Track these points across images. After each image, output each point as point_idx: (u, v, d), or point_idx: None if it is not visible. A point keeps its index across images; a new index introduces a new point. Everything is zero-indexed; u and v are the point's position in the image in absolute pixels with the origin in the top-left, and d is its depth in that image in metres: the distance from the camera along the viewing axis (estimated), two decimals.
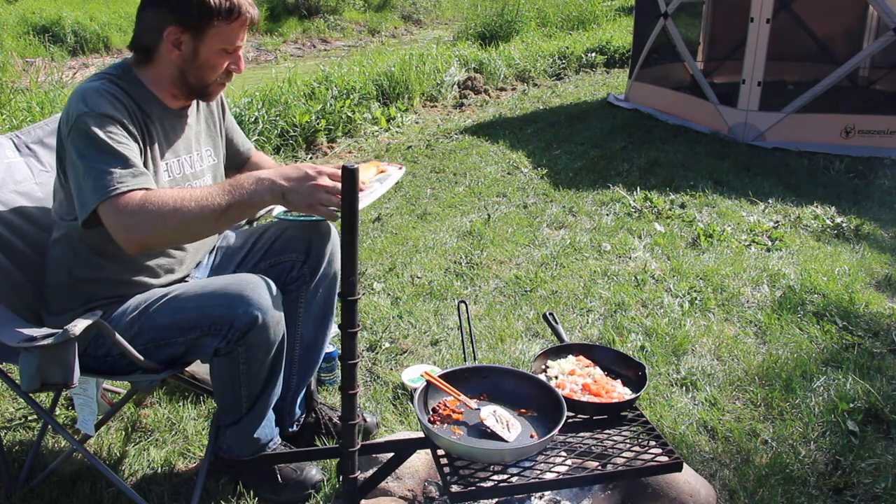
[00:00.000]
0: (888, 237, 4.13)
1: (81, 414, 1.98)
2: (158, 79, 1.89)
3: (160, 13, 1.80)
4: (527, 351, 2.87)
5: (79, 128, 1.71)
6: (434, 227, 4.27)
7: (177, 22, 1.79)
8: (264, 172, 1.71)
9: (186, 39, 1.81)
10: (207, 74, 1.88)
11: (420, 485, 2.07)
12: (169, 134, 1.93)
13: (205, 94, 1.95)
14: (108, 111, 1.74)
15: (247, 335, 1.79)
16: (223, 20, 1.80)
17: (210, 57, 1.84)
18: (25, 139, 2.15)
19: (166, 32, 1.80)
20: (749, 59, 5.86)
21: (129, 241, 1.67)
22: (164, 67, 1.86)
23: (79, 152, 1.71)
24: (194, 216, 1.65)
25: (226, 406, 1.97)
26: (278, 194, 1.67)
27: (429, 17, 17.97)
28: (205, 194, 1.67)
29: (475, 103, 8.04)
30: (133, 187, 1.67)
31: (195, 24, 1.79)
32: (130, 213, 1.64)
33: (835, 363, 2.78)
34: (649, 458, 1.79)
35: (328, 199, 1.67)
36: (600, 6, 14.14)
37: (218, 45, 1.84)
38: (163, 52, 1.84)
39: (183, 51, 1.83)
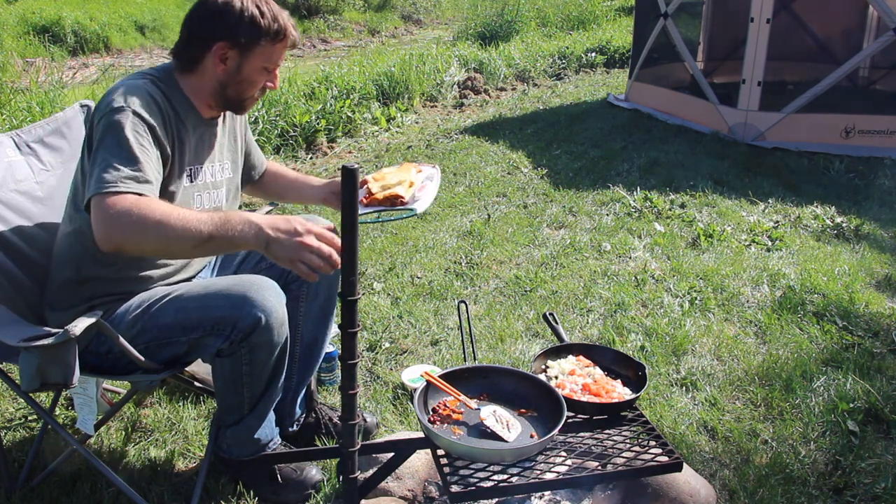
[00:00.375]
0: (888, 237, 4.13)
1: (81, 413, 1.98)
2: (198, 88, 1.93)
3: (211, 29, 1.86)
4: (527, 351, 2.87)
5: (110, 120, 1.74)
6: (434, 227, 4.27)
7: (227, 38, 1.86)
8: (256, 217, 1.70)
9: (233, 55, 1.88)
10: (246, 90, 1.95)
11: (420, 485, 2.07)
12: (197, 142, 1.96)
13: (240, 107, 2.01)
14: (144, 113, 1.77)
15: (250, 336, 1.79)
16: (270, 41, 1.88)
17: (252, 74, 1.91)
18: (26, 138, 2.15)
19: (215, 47, 1.86)
20: (749, 59, 5.86)
21: (104, 240, 1.66)
22: (207, 79, 1.92)
23: (101, 142, 1.74)
24: (175, 236, 1.63)
25: (227, 406, 1.97)
26: (263, 242, 1.66)
27: (429, 17, 17.96)
28: (192, 219, 1.66)
29: (475, 103, 8.04)
30: (129, 190, 1.67)
31: (244, 42, 1.86)
32: (114, 214, 1.64)
33: (835, 363, 2.78)
34: (649, 458, 1.79)
35: (310, 258, 1.65)
36: (600, 6, 14.15)
37: (261, 63, 1.91)
38: (208, 64, 1.89)
39: (228, 66, 1.89)
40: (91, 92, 6.21)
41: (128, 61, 11.40)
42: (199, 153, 1.97)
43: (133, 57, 12.29)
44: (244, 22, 1.84)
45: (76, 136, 2.29)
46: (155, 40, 13.34)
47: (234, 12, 1.84)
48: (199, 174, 1.97)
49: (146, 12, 13.60)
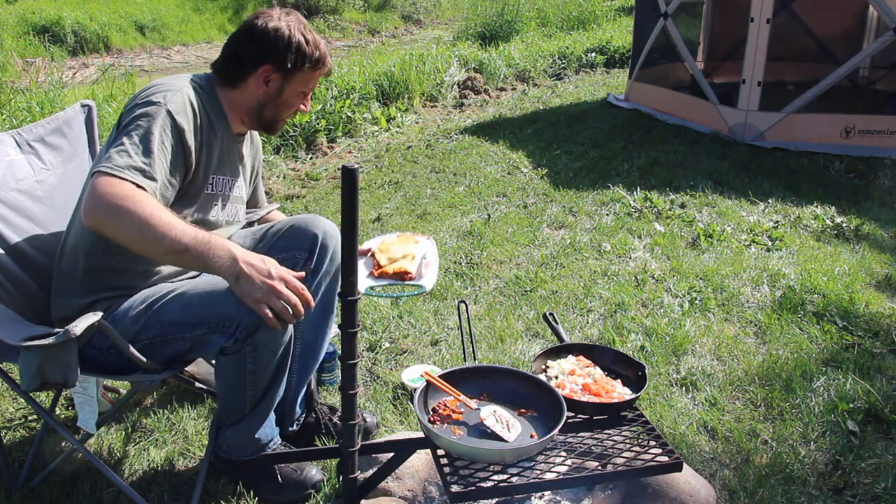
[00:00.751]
0: (888, 237, 4.13)
1: (82, 412, 1.98)
2: (236, 104, 2.02)
3: (260, 52, 1.96)
4: (527, 351, 2.87)
5: (143, 111, 1.80)
6: (434, 227, 4.27)
7: (274, 62, 1.96)
8: (236, 248, 1.73)
9: (276, 78, 1.99)
10: (283, 111, 2.06)
11: (420, 485, 2.07)
12: (224, 154, 2.03)
13: (272, 128, 2.11)
14: (179, 115, 1.83)
15: (255, 334, 1.80)
16: (311, 68, 2.01)
17: (290, 97, 2.03)
18: (27, 136, 2.15)
19: (261, 69, 1.97)
20: (749, 59, 5.86)
21: (87, 213, 1.68)
22: (246, 97, 2.01)
23: (126, 127, 1.79)
24: (152, 237, 1.66)
25: (228, 405, 1.97)
26: (234, 274, 1.70)
27: (429, 17, 17.97)
28: (177, 227, 1.68)
29: (475, 103, 8.05)
30: (132, 179, 1.70)
31: (289, 67, 1.97)
32: (107, 194, 1.66)
33: (835, 363, 2.78)
34: (649, 458, 1.79)
35: (276, 303, 1.70)
36: (600, 6, 14.15)
37: (300, 87, 2.04)
38: (250, 83, 1.99)
39: (270, 88, 2.00)
40: (91, 92, 6.21)
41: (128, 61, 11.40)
42: (222, 164, 2.03)
43: (133, 57, 12.29)
44: (292, 49, 1.95)
45: (77, 136, 2.30)
46: (155, 40, 13.35)
47: (284, 39, 1.95)
48: (219, 184, 2.03)
49: (146, 12, 13.61)
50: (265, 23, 1.96)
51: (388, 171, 5.49)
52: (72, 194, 2.21)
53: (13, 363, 1.86)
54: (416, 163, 5.67)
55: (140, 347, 1.83)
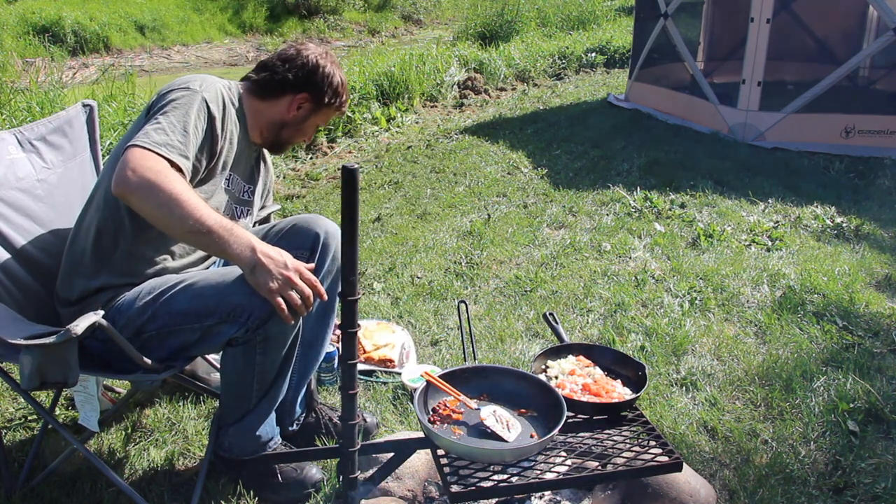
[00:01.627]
0: (888, 237, 4.13)
1: (83, 411, 1.98)
2: (259, 115, 2.10)
3: (305, 81, 2.08)
4: (527, 351, 2.87)
5: (181, 94, 1.88)
6: (434, 227, 4.27)
7: (312, 93, 2.10)
8: (255, 239, 1.76)
9: (307, 108, 2.12)
10: (297, 137, 2.18)
11: (420, 485, 2.07)
12: (241, 157, 2.09)
13: (280, 149, 2.22)
14: (213, 104, 1.92)
15: (266, 325, 1.80)
16: (336, 108, 2.16)
17: (309, 127, 2.18)
18: (28, 135, 2.15)
19: (299, 95, 2.09)
20: (749, 59, 5.86)
21: (118, 182, 1.72)
22: (272, 113, 2.11)
23: (164, 108, 1.85)
24: (179, 214, 1.70)
25: (233, 400, 1.97)
26: (251, 263, 1.73)
27: (429, 17, 17.98)
28: (203, 208, 1.73)
29: (475, 103, 8.05)
30: (167, 155, 1.75)
31: (318, 100, 2.11)
32: (140, 167, 1.71)
33: (835, 363, 2.78)
34: (649, 458, 1.80)
35: (290, 295, 1.73)
36: (600, 6, 14.16)
37: (320, 121, 2.19)
38: (282, 102, 2.10)
39: (298, 113, 2.12)
40: (91, 92, 6.21)
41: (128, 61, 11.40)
42: (240, 164, 2.09)
43: (133, 57, 12.30)
44: (332, 87, 2.11)
45: (78, 136, 2.30)
46: (155, 40, 13.35)
47: (327, 77, 2.09)
48: (234, 183, 2.08)
49: (146, 12, 13.61)
50: (316, 59, 2.09)
51: (388, 171, 5.49)
52: (72, 193, 2.21)
53: (13, 362, 1.86)
54: (416, 163, 5.67)
55: (147, 339, 1.83)
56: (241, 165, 2.09)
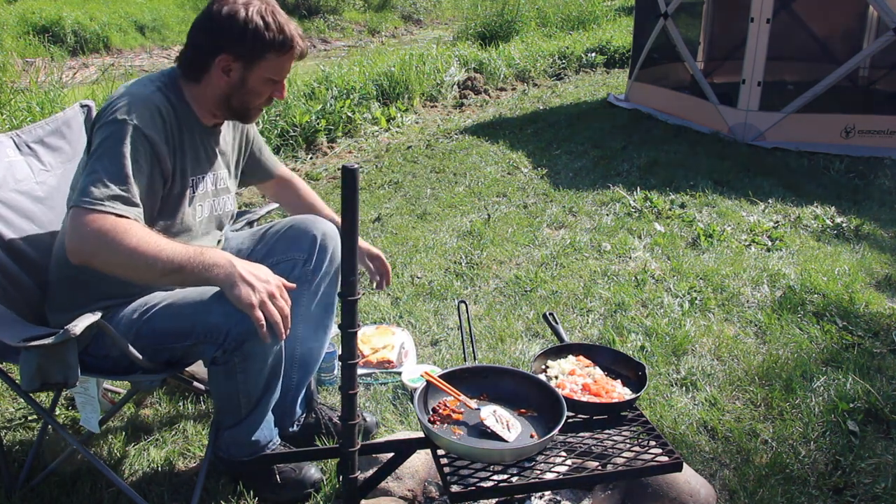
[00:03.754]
0: (888, 237, 4.13)
1: (84, 412, 1.98)
2: (202, 98, 1.92)
3: (214, 40, 1.84)
4: (527, 351, 2.87)
5: (110, 131, 1.73)
6: (434, 227, 4.27)
7: (231, 51, 1.83)
8: (231, 256, 1.72)
9: (237, 68, 1.86)
10: (251, 100, 1.93)
11: (420, 485, 2.07)
12: (199, 151, 1.96)
13: (245, 117, 2.01)
14: (147, 128, 1.76)
15: (243, 346, 1.79)
16: (275, 53, 1.85)
17: (257, 85, 1.89)
18: (26, 138, 2.15)
19: (218, 59, 1.84)
20: (749, 59, 5.85)
21: (73, 252, 1.66)
22: (210, 89, 1.90)
23: (96, 152, 1.73)
24: (145, 263, 1.65)
25: (224, 410, 1.97)
26: (231, 281, 1.68)
27: (429, 17, 17.97)
28: (165, 249, 1.66)
29: (475, 103, 8.04)
30: (113, 211, 1.66)
31: (248, 55, 1.84)
32: (90, 232, 1.64)
33: (835, 363, 2.78)
34: (649, 458, 1.80)
35: (270, 309, 1.68)
36: (600, 6, 14.14)
37: (267, 75, 1.89)
38: (212, 75, 1.88)
39: (231, 77, 1.87)
40: (91, 92, 6.20)
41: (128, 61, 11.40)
42: (200, 163, 1.97)
43: (133, 57, 12.29)
44: (248, 35, 1.81)
45: (76, 137, 2.30)
46: (155, 40, 13.34)
47: (238, 25, 1.80)
48: (199, 184, 1.97)
49: (146, 12, 13.60)
50: (219, 8, 1.83)
51: (388, 171, 5.49)
52: None
53: (13, 363, 1.86)
54: (416, 163, 5.67)
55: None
56: (203, 161, 1.98)
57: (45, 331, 1.65)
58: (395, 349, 2.78)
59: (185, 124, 1.90)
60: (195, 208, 1.98)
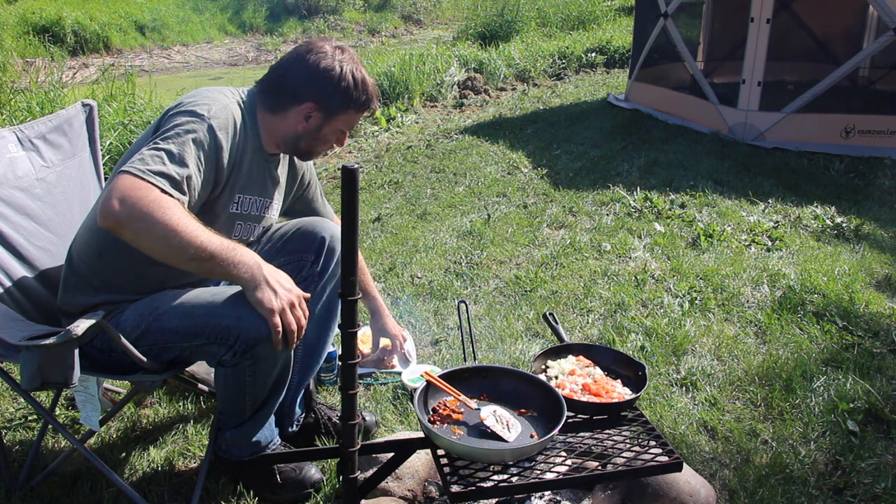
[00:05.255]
0: (888, 237, 4.13)
1: (84, 410, 1.98)
2: (273, 129, 1.98)
3: (306, 88, 1.92)
4: (527, 351, 2.87)
5: (187, 118, 1.77)
6: (434, 227, 4.27)
7: (318, 101, 1.93)
8: (261, 260, 1.74)
9: (317, 117, 1.96)
10: (319, 146, 2.04)
11: (420, 485, 2.07)
12: (254, 174, 1.99)
13: (306, 157, 2.11)
14: (220, 131, 1.81)
15: (254, 348, 1.79)
16: (355, 110, 1.98)
17: (329, 134, 2.01)
18: (28, 133, 2.15)
19: (304, 105, 1.93)
20: (749, 59, 5.85)
21: (107, 213, 1.62)
22: (284, 125, 1.97)
23: (166, 132, 1.75)
24: (178, 243, 1.63)
25: (228, 411, 1.97)
26: (255, 283, 1.70)
27: (429, 17, 17.98)
28: (202, 234, 1.66)
29: (475, 103, 8.04)
30: (161, 186, 1.66)
31: (327, 107, 1.95)
32: (132, 197, 1.61)
33: (835, 363, 2.78)
34: (649, 458, 1.80)
35: (289, 319, 1.71)
36: (600, 6, 14.15)
37: (341, 126, 2.01)
38: (290, 114, 1.95)
39: (309, 124, 1.97)
40: (91, 92, 6.21)
41: (128, 61, 11.40)
42: (250, 184, 1.99)
43: (133, 57, 12.29)
44: (339, 91, 1.92)
45: (77, 135, 2.30)
46: (155, 40, 13.35)
47: (333, 80, 1.91)
48: (245, 204, 2.00)
49: (146, 12, 13.61)
50: (318, 60, 1.91)
51: (388, 171, 5.49)
52: (71, 192, 2.21)
53: (14, 362, 1.86)
54: (416, 163, 5.67)
55: (140, 353, 1.82)
56: (255, 184, 2.00)
57: (46, 330, 1.65)
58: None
59: (250, 145, 1.94)
60: (234, 226, 1.99)
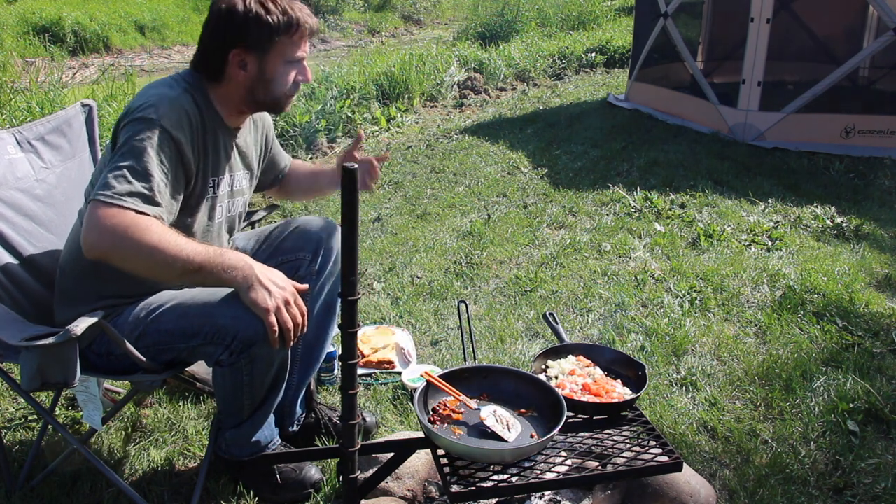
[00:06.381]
0: (888, 237, 4.13)
1: (86, 409, 1.98)
2: (226, 98, 1.92)
3: (221, 38, 1.84)
4: (527, 351, 2.87)
5: (138, 127, 1.72)
6: (434, 227, 4.27)
7: (240, 45, 1.83)
8: (250, 259, 1.73)
9: (251, 60, 1.85)
10: (276, 89, 1.91)
11: (420, 485, 2.07)
12: (221, 152, 1.95)
13: (276, 107, 1.98)
14: (175, 129, 1.76)
15: (251, 348, 1.78)
16: (284, 35, 1.84)
17: (276, 72, 1.88)
18: (27, 135, 2.15)
19: (230, 56, 1.84)
20: (749, 59, 5.85)
21: (90, 246, 1.64)
22: (233, 87, 1.89)
23: (122, 144, 1.72)
24: (165, 261, 1.64)
25: (227, 411, 1.97)
26: (248, 283, 1.69)
27: (429, 17, 17.97)
28: (186, 248, 1.66)
29: (475, 103, 8.04)
30: (133, 207, 1.65)
31: (258, 44, 1.83)
32: (109, 226, 1.62)
33: (835, 363, 2.78)
34: (649, 458, 1.79)
35: (285, 317, 1.70)
36: (600, 6, 14.14)
37: (282, 59, 1.87)
38: (230, 73, 1.87)
39: (249, 71, 1.86)
40: (91, 92, 6.21)
41: (128, 61, 11.39)
42: (222, 164, 1.96)
43: (133, 57, 12.28)
44: (251, 24, 1.80)
45: (76, 135, 2.30)
46: (155, 40, 13.34)
47: (239, 17, 1.80)
48: (221, 184, 1.97)
49: (146, 12, 13.60)
50: (219, 4, 1.83)
51: (388, 171, 5.49)
52: (71, 193, 2.21)
53: (14, 363, 1.85)
54: (416, 163, 5.67)
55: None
56: (223, 162, 1.97)
57: (45, 330, 1.65)
58: (394, 350, 2.79)
59: (210, 126, 1.89)
60: (214, 209, 1.98)
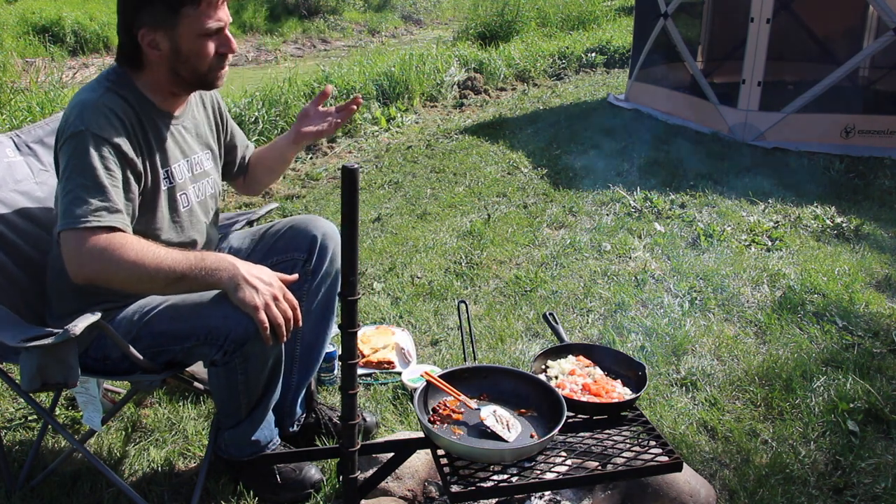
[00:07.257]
0: (888, 237, 4.13)
1: (86, 411, 1.98)
2: (154, 83, 1.86)
3: (125, 21, 1.78)
4: (527, 351, 2.87)
5: (72, 145, 1.70)
6: (434, 227, 4.27)
7: (144, 23, 1.75)
8: (233, 259, 1.72)
9: (161, 37, 1.77)
10: (198, 64, 1.81)
11: (420, 485, 2.07)
12: (167, 141, 1.90)
13: (206, 83, 1.88)
14: (106, 132, 1.72)
15: (243, 347, 1.78)
16: (189, 6, 1.73)
17: (192, 46, 1.78)
18: (26, 138, 2.15)
19: (140, 37, 1.76)
20: (749, 59, 5.85)
21: (75, 273, 1.68)
22: (155, 71, 1.83)
23: (66, 168, 1.71)
24: (147, 275, 1.66)
25: (225, 411, 1.97)
26: (234, 283, 1.69)
27: (429, 17, 17.96)
28: (166, 259, 1.67)
29: (475, 103, 8.04)
30: (101, 223, 1.66)
31: (163, 20, 1.74)
32: (88, 251, 1.64)
33: (835, 363, 2.78)
34: (649, 458, 1.79)
35: (274, 313, 1.69)
36: (600, 6, 14.14)
37: (194, 32, 1.77)
38: (146, 56, 1.80)
39: (163, 49, 1.78)
40: None
41: None
42: (170, 153, 1.91)
43: None
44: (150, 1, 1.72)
45: None
46: None
47: None
48: (176, 174, 1.92)
49: None
50: None
51: (388, 171, 5.49)
52: None
53: (13, 363, 1.85)
54: (416, 163, 5.67)
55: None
56: (173, 151, 1.91)
57: (45, 331, 1.65)
58: (394, 350, 2.79)
59: (146, 117, 1.84)
60: (177, 199, 1.93)
